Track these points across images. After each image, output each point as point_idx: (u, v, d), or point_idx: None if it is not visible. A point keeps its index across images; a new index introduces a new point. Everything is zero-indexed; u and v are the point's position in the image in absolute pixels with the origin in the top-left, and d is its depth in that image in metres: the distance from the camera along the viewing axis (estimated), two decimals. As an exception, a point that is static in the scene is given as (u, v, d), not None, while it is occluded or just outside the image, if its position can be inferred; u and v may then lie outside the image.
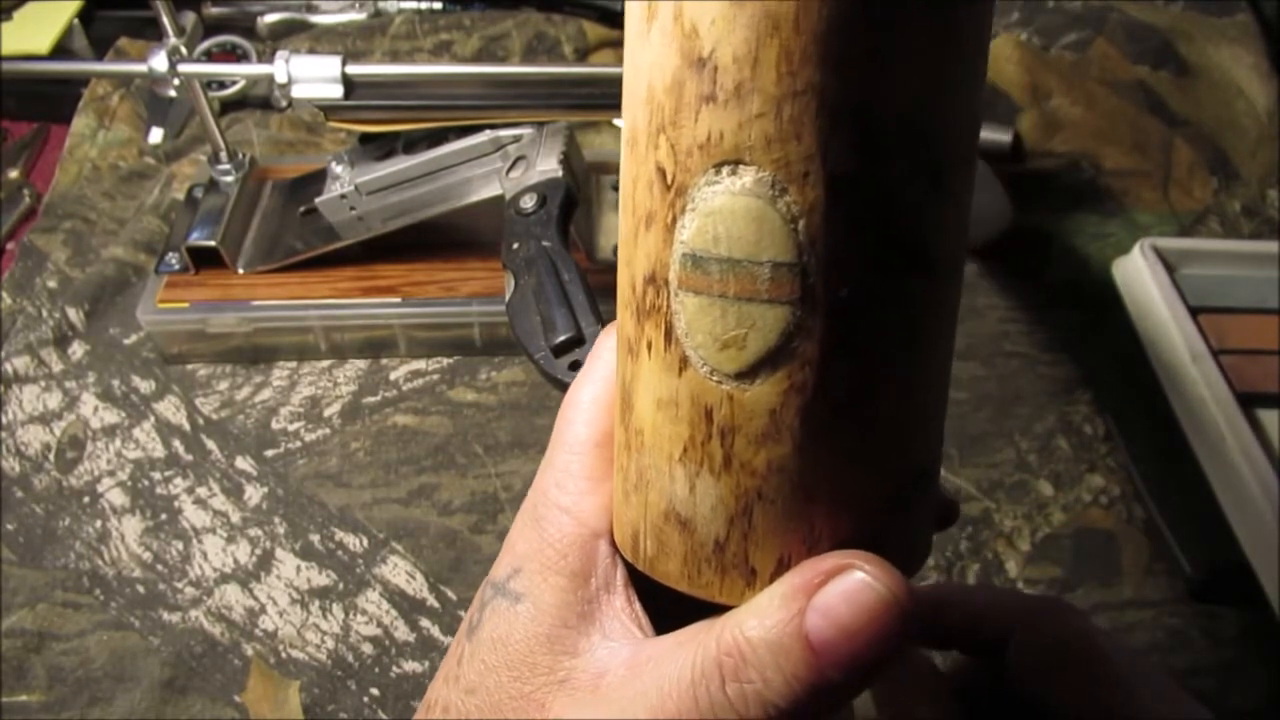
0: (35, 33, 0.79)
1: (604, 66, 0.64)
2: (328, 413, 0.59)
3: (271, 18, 0.83)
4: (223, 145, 0.62)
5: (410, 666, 0.49)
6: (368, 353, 0.61)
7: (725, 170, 0.19)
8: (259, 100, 0.77)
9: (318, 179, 0.59)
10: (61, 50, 0.79)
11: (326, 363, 0.61)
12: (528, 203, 0.52)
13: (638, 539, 0.23)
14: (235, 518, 0.54)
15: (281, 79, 0.54)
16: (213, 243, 0.59)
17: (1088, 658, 0.27)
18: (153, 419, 0.58)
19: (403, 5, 0.84)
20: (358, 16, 0.83)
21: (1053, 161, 0.74)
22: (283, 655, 0.49)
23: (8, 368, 0.60)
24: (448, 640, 0.50)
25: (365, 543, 0.53)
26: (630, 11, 0.21)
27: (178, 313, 0.58)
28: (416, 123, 0.56)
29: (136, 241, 0.66)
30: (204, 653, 0.49)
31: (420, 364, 0.61)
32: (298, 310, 0.59)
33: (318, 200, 0.58)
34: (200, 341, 0.60)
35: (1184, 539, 0.53)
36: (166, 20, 0.54)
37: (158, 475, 0.56)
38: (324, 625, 0.50)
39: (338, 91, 0.54)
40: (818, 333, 0.19)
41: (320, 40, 0.81)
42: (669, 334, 0.21)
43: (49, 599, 0.51)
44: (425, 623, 0.50)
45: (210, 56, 0.80)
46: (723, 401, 0.20)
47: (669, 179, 0.20)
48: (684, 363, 0.21)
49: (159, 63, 0.55)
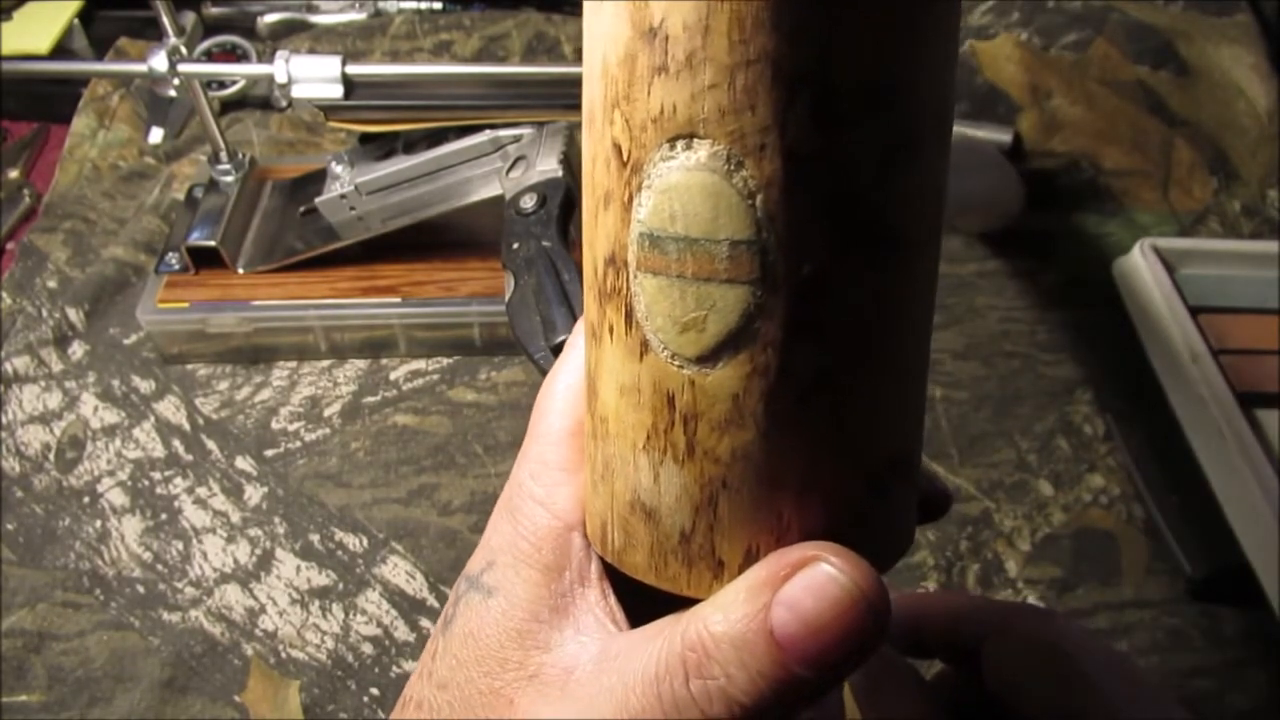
0: (35, 33, 0.79)
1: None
2: (328, 413, 0.59)
3: (271, 18, 0.83)
4: (223, 145, 0.62)
5: (410, 666, 0.49)
6: (368, 353, 0.61)
7: (680, 145, 0.18)
8: (259, 100, 0.77)
9: (318, 179, 0.59)
10: (61, 50, 0.80)
11: (326, 363, 0.61)
12: (528, 203, 0.52)
13: (605, 530, 0.22)
14: (235, 518, 0.54)
15: (281, 79, 0.54)
16: (213, 243, 0.59)
17: (1057, 662, 0.26)
18: (153, 419, 0.58)
19: (403, 5, 0.84)
20: (358, 16, 0.83)
21: (1053, 161, 0.74)
22: (283, 655, 0.49)
23: (8, 368, 0.60)
24: (448, 640, 0.50)
25: (365, 543, 0.53)
26: None
27: (178, 313, 0.58)
28: (416, 123, 0.56)
29: (136, 241, 0.66)
30: (204, 653, 0.49)
31: (420, 364, 0.61)
32: (298, 310, 0.59)
33: (318, 200, 0.58)
34: (200, 341, 0.60)
35: (1184, 539, 0.53)
36: (166, 20, 0.54)
37: (158, 475, 0.56)
38: (324, 625, 0.50)
39: (338, 91, 0.54)
40: (779, 314, 0.19)
41: (320, 40, 0.81)
42: (629, 317, 0.20)
43: (49, 599, 0.51)
44: (425, 623, 0.50)
45: (210, 56, 0.80)
46: (684, 387, 0.20)
47: (625, 155, 0.19)
48: (645, 347, 0.20)
49: (159, 63, 0.55)
